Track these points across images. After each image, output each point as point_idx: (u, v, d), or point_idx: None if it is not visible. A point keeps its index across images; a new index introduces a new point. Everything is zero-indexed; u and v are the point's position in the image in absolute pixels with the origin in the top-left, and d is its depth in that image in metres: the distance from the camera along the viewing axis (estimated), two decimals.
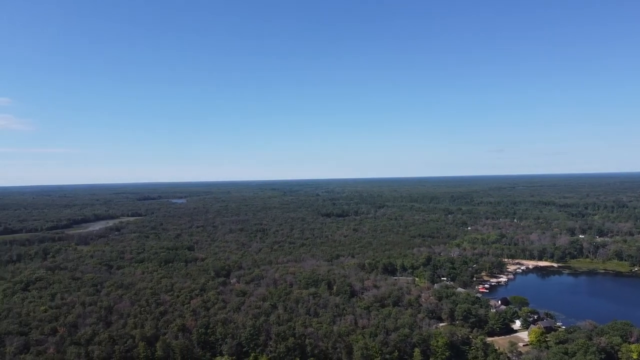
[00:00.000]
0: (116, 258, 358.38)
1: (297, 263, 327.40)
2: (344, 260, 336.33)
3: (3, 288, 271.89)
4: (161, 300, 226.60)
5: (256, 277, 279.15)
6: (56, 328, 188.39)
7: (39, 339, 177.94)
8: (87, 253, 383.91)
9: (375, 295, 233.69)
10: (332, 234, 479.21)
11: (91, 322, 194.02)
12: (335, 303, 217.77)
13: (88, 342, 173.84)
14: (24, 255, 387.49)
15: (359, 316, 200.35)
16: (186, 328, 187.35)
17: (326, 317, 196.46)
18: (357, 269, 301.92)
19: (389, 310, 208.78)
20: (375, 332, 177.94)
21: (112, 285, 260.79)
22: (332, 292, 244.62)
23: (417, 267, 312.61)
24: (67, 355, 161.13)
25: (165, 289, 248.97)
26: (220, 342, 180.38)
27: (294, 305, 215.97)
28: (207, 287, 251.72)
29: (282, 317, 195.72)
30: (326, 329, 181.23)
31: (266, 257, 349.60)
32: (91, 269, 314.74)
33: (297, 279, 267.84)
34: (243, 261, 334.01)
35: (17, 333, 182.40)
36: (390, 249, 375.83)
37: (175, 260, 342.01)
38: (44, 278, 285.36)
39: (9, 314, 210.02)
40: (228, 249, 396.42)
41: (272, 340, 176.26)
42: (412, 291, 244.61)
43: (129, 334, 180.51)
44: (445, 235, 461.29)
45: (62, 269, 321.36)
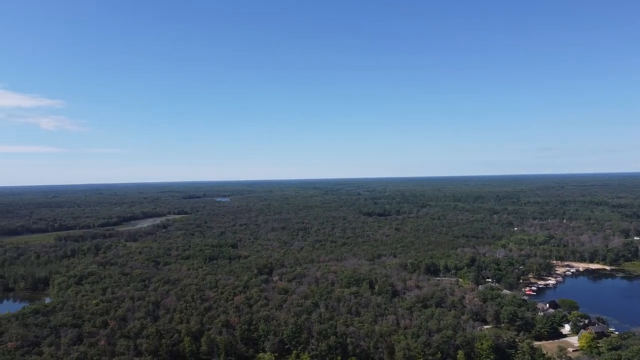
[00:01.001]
0: (163, 254, 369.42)
1: (338, 262, 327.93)
2: (385, 260, 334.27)
3: (58, 282, 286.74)
4: (206, 297, 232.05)
5: (298, 275, 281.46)
6: (107, 321, 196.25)
7: (91, 331, 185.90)
8: (136, 249, 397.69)
9: (418, 295, 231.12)
10: (374, 233, 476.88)
11: (139, 316, 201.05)
12: (377, 303, 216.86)
13: (137, 336, 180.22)
14: (78, 250, 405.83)
15: (401, 316, 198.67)
16: (230, 324, 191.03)
17: (368, 317, 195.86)
18: (399, 269, 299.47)
19: (431, 311, 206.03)
20: (418, 332, 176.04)
21: (159, 281, 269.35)
22: (374, 291, 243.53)
23: (461, 267, 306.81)
24: (117, 348, 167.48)
25: (210, 286, 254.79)
26: (263, 338, 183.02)
27: (335, 304, 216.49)
28: (250, 284, 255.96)
29: (323, 316, 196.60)
30: (368, 329, 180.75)
31: (308, 256, 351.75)
32: (139, 265, 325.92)
33: (338, 278, 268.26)
34: (285, 259, 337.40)
35: (71, 325, 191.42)
36: (433, 249, 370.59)
37: (220, 258, 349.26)
38: (95, 273, 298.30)
39: (63, 306, 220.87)
40: (270, 247, 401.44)
41: (314, 338, 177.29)
42: (456, 292, 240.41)
43: (175, 329, 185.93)
44: (490, 236, 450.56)
45: (113, 264, 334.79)
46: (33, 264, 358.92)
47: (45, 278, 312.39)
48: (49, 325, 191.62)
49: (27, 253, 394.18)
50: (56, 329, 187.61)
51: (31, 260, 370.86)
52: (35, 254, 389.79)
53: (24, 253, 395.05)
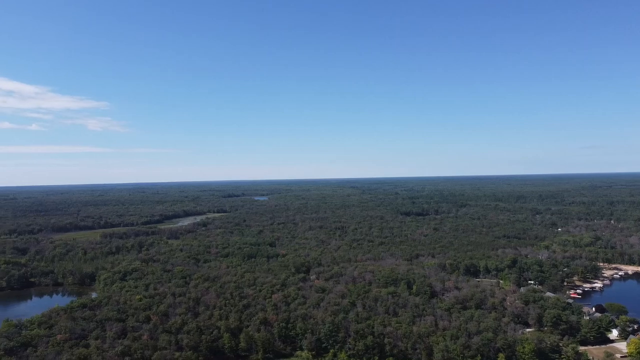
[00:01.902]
0: (203, 252, 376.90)
1: (375, 261, 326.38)
2: (423, 260, 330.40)
3: (104, 277, 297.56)
4: (244, 294, 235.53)
5: (335, 274, 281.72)
6: (150, 316, 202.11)
7: (134, 325, 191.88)
8: (177, 247, 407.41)
9: (457, 296, 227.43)
10: (412, 232, 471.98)
11: (180, 312, 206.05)
12: (414, 303, 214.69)
13: (178, 331, 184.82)
14: (122, 247, 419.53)
15: (440, 317, 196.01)
16: (268, 322, 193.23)
17: (405, 317, 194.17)
18: (438, 269, 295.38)
19: (471, 312, 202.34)
20: (457, 334, 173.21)
21: (199, 278, 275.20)
22: (412, 291, 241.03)
23: (502, 269, 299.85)
24: (160, 343, 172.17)
25: (248, 283, 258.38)
26: (300, 337, 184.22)
27: (372, 303, 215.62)
28: (288, 282, 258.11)
29: (361, 315, 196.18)
30: (405, 329, 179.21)
31: (345, 255, 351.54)
32: (180, 262, 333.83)
33: (376, 278, 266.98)
34: (322, 258, 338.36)
35: (116, 319, 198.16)
36: (473, 250, 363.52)
37: (258, 256, 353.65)
38: (139, 269, 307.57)
39: (109, 301, 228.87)
40: (308, 246, 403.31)
41: (351, 337, 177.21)
42: (496, 294, 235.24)
43: (215, 325, 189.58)
44: (533, 237, 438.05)
45: (155, 261, 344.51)
46: (80, 260, 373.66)
47: (92, 273, 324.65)
48: (95, 319, 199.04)
49: (75, 249, 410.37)
50: (102, 322, 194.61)
51: (79, 256, 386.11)
52: (82, 250, 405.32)
53: (72, 249, 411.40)
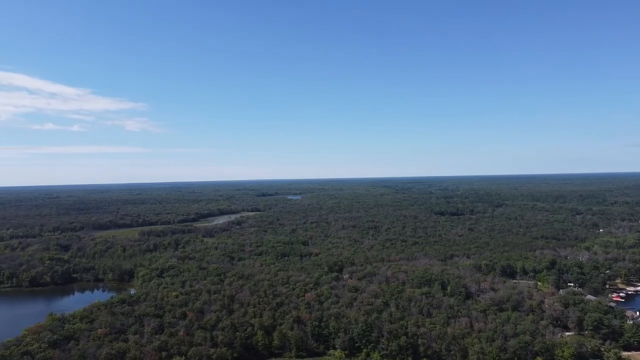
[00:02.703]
0: (237, 250, 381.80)
1: (409, 261, 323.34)
2: (458, 261, 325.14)
3: (142, 274, 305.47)
4: (278, 292, 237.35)
5: (368, 274, 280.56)
6: (186, 312, 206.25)
7: (171, 321, 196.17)
8: (212, 245, 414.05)
9: (493, 298, 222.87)
10: (446, 232, 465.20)
11: (215, 309, 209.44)
12: (449, 304, 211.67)
13: (213, 328, 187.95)
14: (159, 245, 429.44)
15: (475, 319, 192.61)
16: (301, 320, 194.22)
17: (440, 318, 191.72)
18: (473, 270, 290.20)
19: (507, 314, 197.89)
20: (493, 336, 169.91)
21: (233, 275, 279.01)
22: (446, 292, 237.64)
23: (540, 270, 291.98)
24: (195, 339, 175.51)
25: (282, 282, 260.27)
26: (333, 336, 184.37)
27: (406, 303, 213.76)
28: (321, 281, 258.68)
29: (394, 315, 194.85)
30: (440, 330, 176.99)
31: (378, 254, 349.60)
32: (215, 260, 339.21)
33: (409, 278, 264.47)
34: (355, 257, 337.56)
35: (153, 315, 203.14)
36: (509, 251, 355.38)
37: (291, 254, 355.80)
38: (175, 266, 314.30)
39: (146, 297, 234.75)
40: (341, 245, 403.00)
41: (384, 337, 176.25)
42: (534, 296, 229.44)
43: (249, 322, 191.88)
44: (573, 238, 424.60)
45: (191, 258, 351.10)
46: (120, 257, 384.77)
47: (131, 270, 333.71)
48: (133, 314, 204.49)
49: (114, 247, 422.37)
50: (140, 318, 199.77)
51: (118, 253, 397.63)
52: (121, 247, 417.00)
53: (111, 246, 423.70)
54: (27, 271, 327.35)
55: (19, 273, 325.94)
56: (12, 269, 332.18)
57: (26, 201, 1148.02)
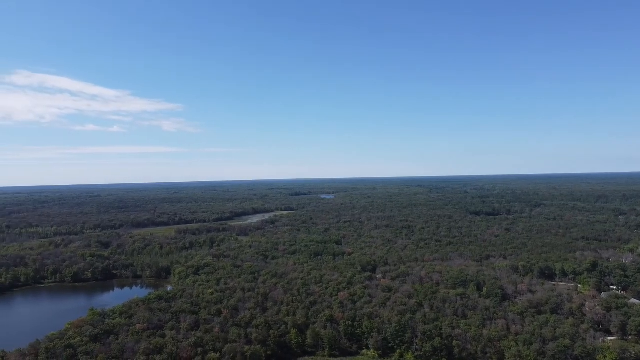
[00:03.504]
0: (271, 249, 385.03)
1: (443, 262, 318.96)
2: (494, 261, 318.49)
3: (178, 271, 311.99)
4: (311, 291, 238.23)
5: (402, 274, 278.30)
6: (220, 310, 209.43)
7: (206, 318, 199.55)
8: (247, 243, 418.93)
9: (530, 300, 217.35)
10: (482, 233, 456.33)
11: (250, 307, 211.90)
12: (485, 305, 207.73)
13: (247, 325, 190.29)
14: (195, 243, 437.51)
15: (512, 321, 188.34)
16: (334, 319, 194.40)
17: (475, 320, 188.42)
18: (510, 271, 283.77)
19: (546, 317, 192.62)
20: (530, 340, 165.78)
21: (267, 274, 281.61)
22: (482, 294, 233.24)
23: (580, 272, 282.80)
24: (230, 335, 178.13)
25: (315, 281, 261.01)
26: (367, 335, 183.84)
27: (440, 304, 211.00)
28: (354, 281, 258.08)
29: (428, 316, 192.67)
30: (475, 332, 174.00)
31: (412, 254, 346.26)
32: (249, 258, 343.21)
33: (444, 278, 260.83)
34: (389, 257, 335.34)
35: (189, 312, 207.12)
36: (548, 252, 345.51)
37: (324, 254, 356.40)
38: (210, 264, 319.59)
39: (183, 294, 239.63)
40: (374, 245, 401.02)
41: (418, 338, 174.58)
42: (574, 299, 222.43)
43: (282, 321, 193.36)
44: (616, 239, 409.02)
45: (226, 257, 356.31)
46: (157, 254, 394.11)
47: (167, 267, 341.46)
48: (170, 310, 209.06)
49: (152, 244, 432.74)
50: (176, 314, 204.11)
51: (155, 250, 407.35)
52: (159, 245, 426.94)
53: (149, 244, 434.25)
54: (70, 267, 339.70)
55: (62, 269, 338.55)
56: (56, 264, 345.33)
57: (69, 200, 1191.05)
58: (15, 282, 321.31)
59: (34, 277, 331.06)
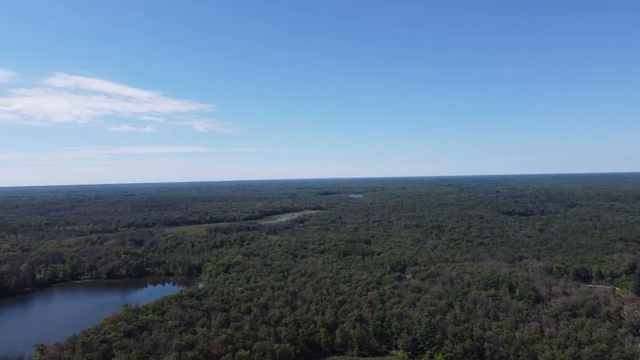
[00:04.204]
0: (300, 248, 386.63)
1: (474, 262, 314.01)
2: (527, 262, 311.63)
3: (209, 269, 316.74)
4: (340, 290, 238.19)
5: (432, 274, 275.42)
6: (250, 308, 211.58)
7: (236, 316, 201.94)
8: (276, 242, 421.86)
9: (565, 303, 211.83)
10: (514, 233, 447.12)
11: (279, 305, 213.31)
12: (517, 307, 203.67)
13: (276, 323, 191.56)
14: (225, 241, 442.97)
15: (545, 324, 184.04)
16: (363, 319, 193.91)
17: (507, 322, 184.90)
18: (543, 273, 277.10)
19: (581, 320, 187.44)
20: (565, 343, 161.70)
21: (296, 272, 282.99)
22: (514, 295, 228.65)
23: (619, 275, 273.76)
24: (259, 333, 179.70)
25: (344, 280, 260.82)
26: (396, 336, 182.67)
27: (471, 305, 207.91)
28: (383, 280, 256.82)
29: (459, 317, 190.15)
30: (507, 334, 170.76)
31: (442, 255, 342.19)
32: (279, 257, 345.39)
33: (475, 279, 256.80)
34: (418, 257, 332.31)
35: (220, 309, 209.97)
36: (584, 253, 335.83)
37: (353, 253, 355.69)
38: (240, 263, 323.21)
39: (214, 292, 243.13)
40: (403, 244, 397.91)
41: (448, 339, 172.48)
42: (612, 302, 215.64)
43: (311, 319, 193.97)
44: None
45: (255, 255, 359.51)
46: (189, 252, 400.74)
47: (199, 265, 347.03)
48: (201, 308, 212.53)
49: (184, 242, 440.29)
50: (207, 311, 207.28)
51: (187, 248, 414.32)
52: (190, 243, 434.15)
53: (181, 242, 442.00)
54: (105, 264, 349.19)
55: (98, 266, 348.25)
56: (92, 261, 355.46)
57: (104, 198, 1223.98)
58: (53, 277, 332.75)
59: (71, 273, 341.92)
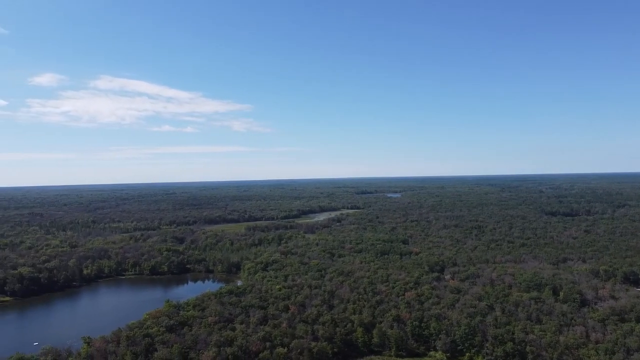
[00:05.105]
0: (337, 247, 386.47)
1: (516, 264, 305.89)
2: (572, 265, 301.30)
3: (248, 267, 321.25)
4: (377, 290, 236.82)
5: (471, 275, 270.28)
6: (288, 306, 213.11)
7: (274, 313, 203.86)
8: (313, 241, 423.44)
9: (613, 307, 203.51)
10: (558, 234, 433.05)
11: (316, 304, 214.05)
12: (561, 311, 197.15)
13: (314, 322, 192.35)
14: (263, 240, 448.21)
15: (592, 329, 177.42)
16: (401, 319, 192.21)
17: (551, 325, 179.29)
18: (589, 276, 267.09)
19: (630, 326, 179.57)
20: (613, 349, 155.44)
21: (334, 271, 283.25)
22: (558, 298, 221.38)
23: None
24: (297, 331, 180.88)
25: (381, 280, 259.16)
26: (434, 337, 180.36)
27: (512, 308, 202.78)
28: (421, 281, 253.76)
29: (499, 320, 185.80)
30: (551, 338, 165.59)
31: (482, 255, 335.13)
32: (316, 256, 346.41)
33: (516, 281, 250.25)
34: (457, 258, 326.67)
35: (258, 307, 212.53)
36: (634, 256, 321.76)
37: (391, 253, 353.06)
38: (278, 261, 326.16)
39: (252, 289, 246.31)
40: (442, 245, 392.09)
41: (489, 342, 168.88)
42: None
43: (349, 319, 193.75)
44: None
45: (293, 254, 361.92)
46: (228, 250, 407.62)
47: (237, 263, 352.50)
48: (240, 305, 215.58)
49: (223, 240, 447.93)
50: (246, 309, 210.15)
51: (226, 246, 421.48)
52: (229, 241, 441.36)
53: (220, 240, 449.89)
54: (148, 261, 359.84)
55: (141, 262, 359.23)
56: (135, 258, 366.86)
57: (147, 197, 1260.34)
58: (99, 273, 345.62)
59: (116, 269, 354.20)
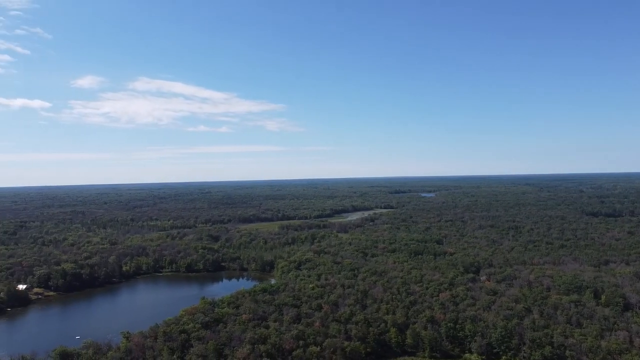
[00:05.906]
0: (370, 247, 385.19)
1: (555, 265, 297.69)
2: (615, 267, 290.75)
3: (281, 265, 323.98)
4: (411, 290, 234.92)
5: (508, 277, 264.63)
6: (321, 305, 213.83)
7: (307, 312, 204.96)
8: (346, 240, 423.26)
9: None
10: (600, 236, 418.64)
11: (349, 303, 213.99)
12: (603, 315, 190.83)
13: (347, 321, 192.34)
14: (297, 239, 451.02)
15: (636, 334, 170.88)
16: (435, 320, 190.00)
17: (592, 330, 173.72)
18: (633, 279, 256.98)
19: None
20: None
21: (367, 271, 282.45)
22: (599, 302, 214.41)
23: None
24: (330, 330, 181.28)
25: (415, 280, 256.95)
26: (469, 339, 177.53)
27: (551, 311, 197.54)
28: (456, 282, 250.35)
29: (537, 323, 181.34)
30: (592, 343, 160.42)
31: (519, 257, 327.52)
32: (349, 255, 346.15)
33: (555, 283, 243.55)
34: (493, 259, 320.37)
35: (291, 305, 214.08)
36: None
37: (424, 253, 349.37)
38: (311, 260, 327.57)
39: (285, 288, 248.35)
40: (477, 245, 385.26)
41: (526, 345, 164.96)
42: None
43: (382, 319, 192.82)
44: None
45: (326, 253, 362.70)
46: (262, 248, 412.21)
47: (271, 261, 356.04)
48: (274, 303, 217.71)
49: (257, 239, 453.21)
50: (279, 307, 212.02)
51: (260, 245, 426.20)
52: (263, 240, 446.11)
53: (254, 239, 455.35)
54: (184, 258, 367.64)
55: (178, 260, 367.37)
56: (172, 255, 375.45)
57: (183, 196, 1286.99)
58: (138, 270, 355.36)
59: (153, 266, 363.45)
